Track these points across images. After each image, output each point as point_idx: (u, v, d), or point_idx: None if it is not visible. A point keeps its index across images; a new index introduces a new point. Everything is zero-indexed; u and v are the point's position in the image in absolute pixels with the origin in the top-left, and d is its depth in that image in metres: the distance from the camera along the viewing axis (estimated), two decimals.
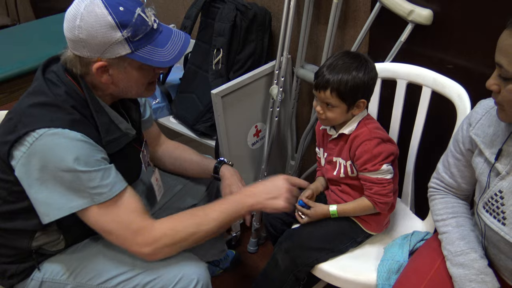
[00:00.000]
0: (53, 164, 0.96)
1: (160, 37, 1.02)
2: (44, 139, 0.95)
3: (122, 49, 0.97)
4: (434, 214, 1.13)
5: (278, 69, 1.66)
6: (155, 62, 1.00)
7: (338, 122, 1.23)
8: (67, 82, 1.03)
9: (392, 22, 1.35)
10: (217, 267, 1.79)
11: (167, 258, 1.09)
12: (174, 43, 1.04)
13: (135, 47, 0.98)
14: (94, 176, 0.98)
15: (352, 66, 1.15)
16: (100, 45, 0.96)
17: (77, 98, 1.03)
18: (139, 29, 0.97)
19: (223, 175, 1.36)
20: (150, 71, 1.06)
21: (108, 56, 0.98)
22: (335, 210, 1.26)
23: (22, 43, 2.48)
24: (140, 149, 1.22)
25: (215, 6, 1.71)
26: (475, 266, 0.98)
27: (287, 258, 1.22)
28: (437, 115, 1.31)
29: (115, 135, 1.07)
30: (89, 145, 0.99)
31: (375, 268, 1.19)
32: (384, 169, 1.17)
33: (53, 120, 0.97)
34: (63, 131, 0.96)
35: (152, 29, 1.00)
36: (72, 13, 0.96)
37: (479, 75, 1.26)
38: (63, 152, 0.95)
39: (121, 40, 0.96)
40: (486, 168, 0.97)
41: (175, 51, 1.03)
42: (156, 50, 1.01)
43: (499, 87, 0.85)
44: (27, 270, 1.14)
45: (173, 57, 1.03)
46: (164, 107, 1.90)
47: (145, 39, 0.99)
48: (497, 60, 0.83)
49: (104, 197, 0.99)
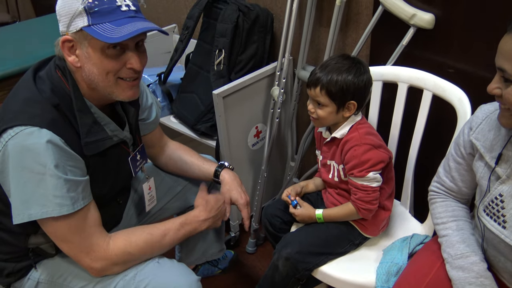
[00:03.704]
0: (22, 164, 0.94)
1: (124, 20, 0.95)
2: (19, 138, 0.93)
3: (81, 21, 0.93)
4: (434, 217, 1.14)
5: (280, 70, 1.67)
6: (102, 37, 0.92)
7: (329, 123, 1.24)
8: (55, 78, 1.01)
9: (394, 25, 1.36)
10: (215, 267, 1.79)
11: (161, 270, 1.09)
12: (135, 26, 0.95)
13: (93, 21, 0.93)
14: (61, 185, 0.95)
15: (344, 67, 1.17)
16: (67, 17, 0.94)
17: (63, 96, 1.00)
18: (100, 2, 0.93)
19: (223, 179, 1.36)
20: (115, 60, 0.97)
21: (72, 29, 0.94)
22: (320, 214, 1.29)
23: (22, 40, 2.47)
24: (131, 153, 1.19)
25: (217, 7, 1.72)
26: (474, 269, 0.99)
27: (288, 265, 1.22)
28: (438, 119, 1.31)
29: (97, 137, 1.04)
30: (63, 151, 0.96)
31: (374, 270, 1.20)
32: (370, 177, 1.18)
33: (32, 118, 0.95)
34: (40, 131, 0.94)
35: (117, 9, 0.95)
36: None
37: (479, 79, 1.27)
38: (34, 154, 0.93)
39: (81, 10, 0.92)
40: (487, 172, 0.98)
41: (127, 31, 0.93)
42: (112, 28, 0.93)
43: (501, 90, 0.85)
44: (24, 269, 1.13)
45: (121, 36, 0.92)
46: (164, 107, 1.91)
47: (107, 16, 0.93)
48: (499, 65, 0.84)
49: (65, 209, 0.97)
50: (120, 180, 1.20)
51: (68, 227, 0.99)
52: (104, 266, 1.04)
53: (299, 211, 1.31)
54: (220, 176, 1.36)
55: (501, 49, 0.83)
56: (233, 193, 1.33)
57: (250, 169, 1.86)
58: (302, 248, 1.24)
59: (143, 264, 1.09)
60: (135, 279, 1.07)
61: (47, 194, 0.95)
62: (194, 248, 1.58)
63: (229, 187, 1.34)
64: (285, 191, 1.35)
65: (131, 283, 1.06)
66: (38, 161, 0.93)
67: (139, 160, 1.24)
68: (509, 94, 0.83)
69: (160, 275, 1.07)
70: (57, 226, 0.99)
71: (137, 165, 1.24)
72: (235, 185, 1.34)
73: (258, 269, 1.84)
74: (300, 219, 1.33)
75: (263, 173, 1.81)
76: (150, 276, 1.06)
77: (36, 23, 2.81)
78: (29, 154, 0.93)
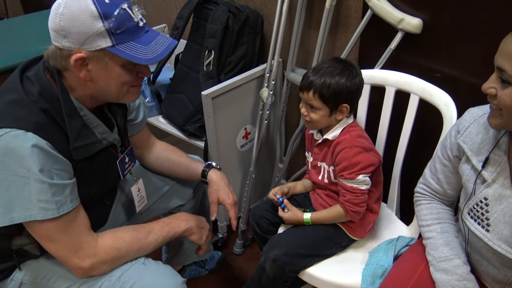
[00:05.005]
0: (7, 167, 0.92)
1: (145, 36, 1.00)
2: (4, 140, 0.92)
3: (103, 41, 0.94)
4: (419, 220, 1.15)
5: (269, 72, 1.67)
6: (136, 58, 0.96)
7: (322, 126, 1.25)
8: (44, 80, 1.00)
9: (382, 29, 1.37)
10: (202, 268, 1.79)
11: (147, 271, 1.08)
12: (158, 43, 1.00)
13: (117, 41, 0.95)
14: (46, 190, 0.94)
15: (336, 71, 1.17)
16: (80, 35, 0.93)
17: (51, 98, 0.99)
18: (122, 23, 0.94)
19: (211, 179, 1.35)
20: (132, 72, 1.02)
21: (88, 48, 0.94)
22: (308, 218, 1.29)
23: (9, 37, 2.45)
24: (119, 156, 1.19)
25: (207, 8, 1.71)
26: (458, 272, 1.00)
27: (275, 267, 1.23)
28: (424, 122, 1.33)
29: (86, 141, 1.03)
30: (49, 155, 0.95)
31: (360, 272, 1.20)
32: (359, 179, 1.19)
33: (18, 121, 0.93)
34: (25, 135, 0.92)
35: (137, 26, 0.98)
36: (57, 3, 0.95)
37: (466, 84, 1.29)
38: (18, 157, 0.92)
39: (102, 31, 0.93)
40: (473, 175, 0.99)
41: (158, 51, 0.99)
42: (138, 47, 0.97)
43: (496, 90, 0.85)
44: (7, 270, 1.11)
45: (155, 56, 0.98)
46: (153, 107, 1.90)
47: (128, 34, 0.96)
48: (498, 64, 0.83)
49: (50, 214, 0.96)
50: (107, 183, 1.20)
51: (55, 227, 0.98)
52: (92, 265, 1.03)
53: (287, 214, 1.31)
54: (208, 176, 1.36)
55: (503, 48, 0.83)
56: (221, 193, 1.33)
57: (238, 171, 1.86)
58: (289, 250, 1.24)
59: (128, 265, 1.08)
60: (120, 280, 1.06)
61: (31, 198, 0.94)
62: (181, 248, 1.57)
63: (217, 187, 1.34)
64: (271, 191, 1.36)
65: (116, 284, 1.05)
66: (22, 165, 0.92)
67: (128, 162, 1.24)
68: (506, 96, 0.83)
69: (145, 277, 1.07)
70: (43, 228, 0.98)
71: (126, 168, 1.23)
72: (222, 185, 1.34)
73: (245, 271, 1.84)
74: (288, 222, 1.33)
75: (251, 174, 1.81)
76: (135, 278, 1.06)
77: (24, 21, 2.77)
78: (14, 157, 0.92)
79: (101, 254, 1.04)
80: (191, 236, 1.22)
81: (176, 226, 1.19)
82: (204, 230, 1.26)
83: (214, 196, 1.33)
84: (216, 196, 1.33)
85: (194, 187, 1.50)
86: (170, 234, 1.17)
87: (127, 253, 1.08)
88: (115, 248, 1.06)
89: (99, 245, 1.05)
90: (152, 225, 1.16)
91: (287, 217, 1.31)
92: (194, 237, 1.23)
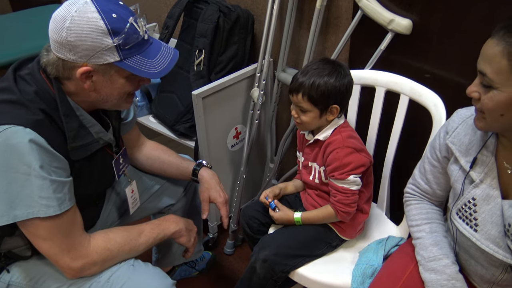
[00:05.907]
0: (7, 164, 0.92)
1: (150, 49, 1.02)
2: (4, 136, 0.92)
3: (111, 56, 0.95)
4: (408, 220, 1.15)
5: (260, 72, 1.67)
6: (144, 73, 0.99)
7: (313, 127, 1.25)
8: (40, 80, 0.99)
9: (372, 30, 1.37)
10: (193, 269, 1.78)
11: (136, 273, 1.08)
12: (163, 56, 1.03)
13: (124, 56, 0.97)
14: (47, 186, 0.94)
15: (325, 72, 1.17)
16: (88, 50, 0.94)
17: (47, 99, 0.99)
18: (131, 38, 0.96)
19: (201, 178, 1.35)
20: (135, 82, 1.05)
21: (95, 62, 0.96)
22: (299, 217, 1.30)
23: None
24: (114, 156, 1.19)
25: (198, 7, 1.71)
26: (446, 271, 1.01)
27: (265, 267, 1.23)
28: (414, 123, 1.33)
29: (83, 141, 1.04)
30: (47, 152, 0.95)
31: (350, 272, 1.21)
32: (350, 180, 1.19)
33: (16, 118, 0.93)
34: (24, 131, 0.92)
35: (143, 40, 1.00)
36: (61, 15, 0.94)
37: (455, 85, 1.30)
38: (19, 154, 0.91)
39: (111, 47, 0.94)
40: (461, 175, 1.00)
41: (164, 64, 1.02)
42: (145, 61, 1.00)
43: (479, 94, 0.86)
44: None
45: (161, 69, 1.01)
46: (143, 106, 1.89)
47: (135, 48, 0.98)
48: (480, 68, 0.84)
49: (52, 211, 0.95)
50: (102, 183, 1.20)
51: (53, 226, 0.98)
52: (83, 265, 1.02)
53: (278, 214, 1.31)
54: (199, 174, 1.36)
55: (484, 53, 0.84)
56: (212, 192, 1.33)
57: (229, 170, 1.85)
58: (280, 250, 1.24)
59: (117, 267, 1.08)
60: (109, 281, 1.05)
61: (33, 195, 0.94)
62: (171, 249, 1.57)
63: (208, 185, 1.34)
64: (263, 193, 1.36)
65: (105, 285, 1.05)
66: (23, 161, 0.92)
67: (122, 163, 1.24)
68: (488, 100, 0.84)
69: (134, 278, 1.06)
70: (41, 226, 0.97)
71: (120, 168, 1.23)
72: (213, 183, 1.34)
73: (236, 271, 1.84)
74: (279, 222, 1.33)
75: (242, 174, 1.80)
76: (124, 279, 1.05)
77: (13, 18, 2.73)
78: (14, 154, 0.92)
79: (93, 255, 1.04)
80: (180, 239, 1.22)
81: (166, 228, 1.19)
82: (192, 233, 1.26)
83: (205, 195, 1.33)
84: (207, 194, 1.33)
85: (184, 186, 1.49)
86: (160, 236, 1.17)
87: (118, 254, 1.08)
88: (107, 249, 1.06)
89: (92, 246, 1.04)
90: (142, 227, 1.15)
91: (278, 217, 1.31)
92: (183, 239, 1.23)
